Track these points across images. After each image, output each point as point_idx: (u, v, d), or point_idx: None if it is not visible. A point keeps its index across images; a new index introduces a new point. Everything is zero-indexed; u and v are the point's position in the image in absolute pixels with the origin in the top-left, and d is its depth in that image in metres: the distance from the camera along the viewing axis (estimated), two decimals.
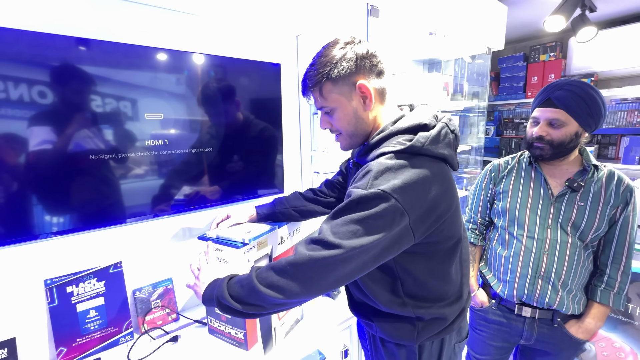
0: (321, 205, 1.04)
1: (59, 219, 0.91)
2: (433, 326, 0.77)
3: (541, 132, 1.01)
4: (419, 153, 0.66)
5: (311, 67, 0.72)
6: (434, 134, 0.68)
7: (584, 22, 1.95)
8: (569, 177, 1.03)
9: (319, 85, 0.71)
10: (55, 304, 0.96)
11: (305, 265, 0.61)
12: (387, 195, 0.60)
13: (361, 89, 0.70)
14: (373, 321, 0.79)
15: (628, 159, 2.31)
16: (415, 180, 0.62)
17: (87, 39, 0.88)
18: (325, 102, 0.73)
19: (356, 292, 0.82)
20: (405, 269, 0.72)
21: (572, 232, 1.01)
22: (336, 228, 0.62)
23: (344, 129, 0.75)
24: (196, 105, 1.09)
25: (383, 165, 0.64)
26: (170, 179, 1.09)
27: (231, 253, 0.86)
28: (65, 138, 0.88)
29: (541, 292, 1.04)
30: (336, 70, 0.69)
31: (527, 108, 2.89)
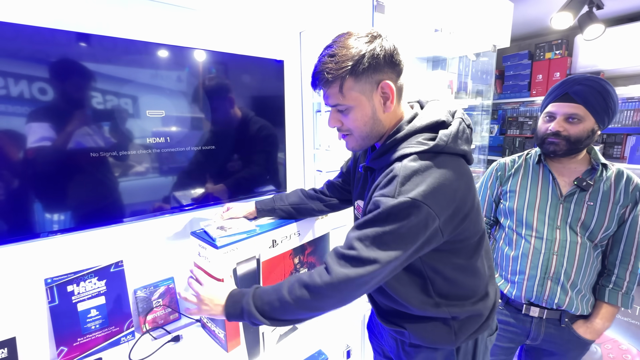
0: (322, 205, 1.02)
1: (59, 217, 0.90)
2: (470, 324, 0.74)
3: (558, 127, 0.98)
4: (442, 152, 0.64)
5: (330, 58, 0.64)
6: (454, 131, 0.66)
7: (591, 19, 1.92)
8: (577, 176, 1.01)
9: (339, 81, 0.64)
10: (55, 303, 0.95)
11: (343, 284, 0.61)
12: (419, 203, 0.58)
13: (384, 89, 0.66)
14: (405, 327, 0.76)
15: (634, 158, 2.29)
16: (443, 182, 0.61)
17: (87, 34, 0.87)
18: (342, 100, 0.66)
19: (383, 299, 0.79)
20: (434, 268, 0.70)
21: (582, 232, 1.00)
22: (369, 241, 0.60)
23: (358, 130, 0.70)
24: (198, 102, 1.08)
25: (409, 169, 0.61)
26: (172, 177, 1.08)
27: (212, 252, 0.85)
28: (66, 135, 0.86)
29: (550, 293, 1.02)
30: (361, 66, 0.63)
31: (531, 107, 2.86)
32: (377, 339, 0.97)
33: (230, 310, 0.70)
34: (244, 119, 1.21)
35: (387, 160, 0.68)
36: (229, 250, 0.85)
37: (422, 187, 0.59)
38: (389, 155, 0.68)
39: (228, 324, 0.88)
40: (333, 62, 0.63)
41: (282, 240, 1.00)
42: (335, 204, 1.03)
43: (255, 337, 0.97)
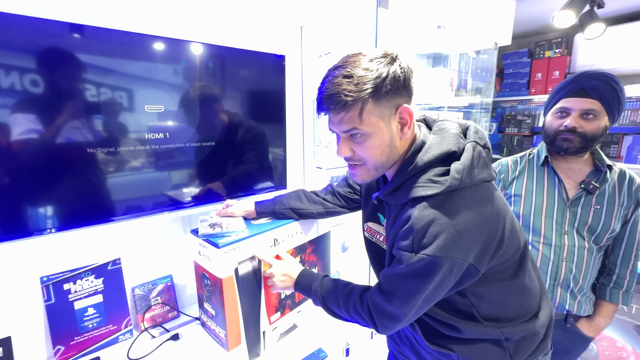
0: (323, 209, 1.01)
1: (55, 215, 0.88)
2: (526, 345, 0.71)
3: (575, 123, 0.93)
4: (458, 188, 0.59)
5: (347, 80, 0.57)
6: (468, 163, 0.60)
7: (592, 18, 1.91)
8: (582, 177, 1.00)
9: (360, 104, 0.58)
10: (52, 302, 0.93)
11: (382, 328, 0.68)
12: (438, 259, 0.56)
13: (402, 114, 0.61)
14: (454, 350, 0.72)
15: (630, 158, 2.31)
16: (464, 226, 0.57)
17: (80, 25, 0.84)
18: (360, 125, 0.59)
19: (429, 320, 0.75)
20: (476, 293, 0.67)
21: (588, 237, 0.98)
22: (399, 296, 0.63)
23: (373, 160, 0.63)
24: (197, 97, 1.05)
25: (424, 220, 0.57)
26: (170, 174, 1.06)
27: (213, 252, 0.84)
28: (61, 131, 0.84)
29: (561, 299, 1.01)
30: (384, 89, 0.57)
31: (529, 105, 2.87)
32: (400, 350, 0.95)
33: (301, 286, 0.83)
34: (244, 114, 1.19)
35: (400, 199, 0.64)
36: (229, 250, 0.84)
37: (440, 240, 0.56)
38: (402, 193, 0.64)
39: (229, 322, 0.87)
40: (351, 83, 0.57)
41: (284, 239, 0.99)
42: (336, 211, 1.01)
43: (256, 336, 0.96)
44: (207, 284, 0.90)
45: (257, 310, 0.95)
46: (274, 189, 1.35)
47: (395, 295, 0.64)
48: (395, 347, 0.98)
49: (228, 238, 0.86)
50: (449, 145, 0.62)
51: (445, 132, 0.65)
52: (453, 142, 0.63)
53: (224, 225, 0.93)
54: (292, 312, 1.08)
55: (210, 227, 0.92)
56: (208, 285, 0.90)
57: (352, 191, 0.98)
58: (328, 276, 0.82)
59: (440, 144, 0.63)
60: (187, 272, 1.24)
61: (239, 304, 0.89)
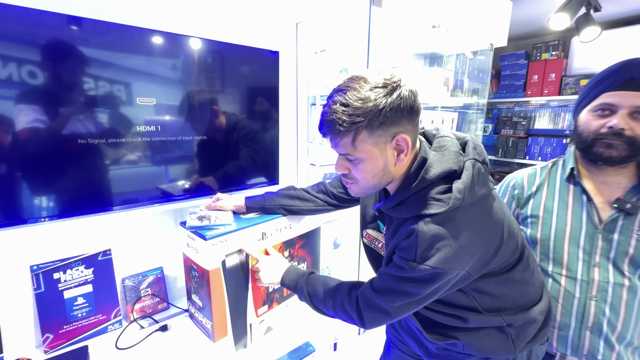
0: (314, 207, 1.02)
1: (47, 204, 0.89)
2: (527, 331, 0.73)
3: (622, 124, 0.73)
4: (460, 207, 0.62)
5: (343, 108, 0.59)
6: (469, 182, 0.62)
7: (588, 21, 1.93)
8: (619, 194, 0.78)
9: (352, 133, 0.60)
10: (41, 290, 0.94)
11: (368, 323, 0.70)
12: (441, 270, 0.60)
13: (398, 142, 0.62)
14: (459, 338, 0.74)
15: None
16: (465, 240, 0.61)
17: (78, 17, 0.84)
18: (353, 152, 0.62)
19: (432, 314, 0.76)
20: (478, 289, 0.70)
21: (631, 271, 0.77)
22: (394, 296, 0.66)
23: (364, 181, 0.66)
24: (190, 91, 1.06)
25: (428, 235, 0.60)
26: (162, 167, 1.06)
27: (200, 244, 0.85)
28: (55, 121, 0.84)
29: (591, 347, 0.81)
30: (378, 121, 0.58)
31: (526, 107, 2.88)
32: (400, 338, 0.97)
33: (286, 281, 0.85)
34: (237, 109, 1.19)
35: (403, 214, 0.66)
36: (217, 242, 0.85)
37: (442, 254, 0.59)
38: (404, 209, 0.66)
39: (215, 314, 0.88)
40: (346, 114, 0.58)
41: (272, 233, 1.00)
42: (326, 208, 1.02)
43: (243, 328, 0.97)
44: (195, 276, 0.91)
45: (244, 302, 0.96)
46: (266, 185, 1.36)
47: (389, 293, 0.66)
48: (395, 334, 0.99)
49: (216, 230, 0.87)
50: (449, 165, 0.63)
51: (446, 150, 0.66)
52: (453, 161, 0.64)
53: (213, 218, 0.94)
54: (280, 305, 1.10)
55: (198, 219, 0.93)
56: (196, 277, 0.91)
57: (344, 192, 0.99)
58: (314, 273, 0.84)
59: (441, 162, 0.64)
60: (177, 265, 1.25)
61: (225, 296, 0.90)
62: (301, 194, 1.03)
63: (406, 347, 0.96)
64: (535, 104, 2.83)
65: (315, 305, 0.79)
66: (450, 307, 0.73)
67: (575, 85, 2.48)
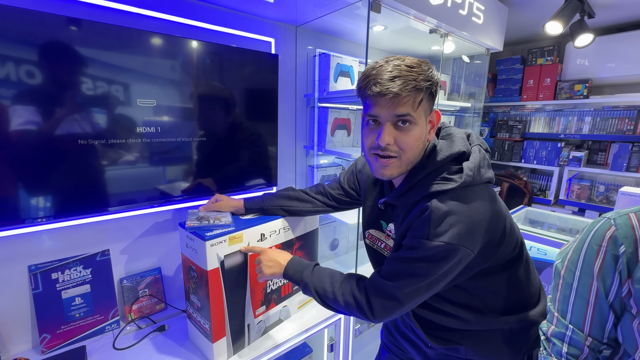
0: (312, 208, 1.02)
1: (46, 205, 0.89)
2: (528, 334, 0.73)
3: None
4: (470, 185, 0.65)
5: (410, 69, 0.61)
6: (477, 161, 0.66)
7: (582, 27, 1.96)
8: None
9: (421, 93, 0.62)
10: (39, 290, 0.94)
11: (382, 316, 0.68)
12: (454, 246, 0.60)
13: (432, 117, 0.67)
14: (462, 343, 0.74)
15: (616, 165, 2.36)
16: (477, 218, 0.62)
17: (77, 19, 0.85)
18: (413, 113, 0.63)
19: (434, 318, 0.77)
20: (481, 287, 0.71)
21: None
22: (406, 279, 0.64)
23: (411, 151, 0.65)
24: (189, 92, 1.07)
25: (441, 210, 0.61)
26: (161, 168, 1.07)
27: (199, 244, 0.86)
28: (55, 121, 0.85)
29: None
30: (434, 89, 0.64)
31: (522, 111, 2.91)
32: (396, 343, 0.97)
33: (290, 273, 0.81)
34: (236, 111, 1.20)
35: (413, 199, 0.67)
36: (216, 243, 0.85)
37: (456, 230, 0.60)
38: (414, 193, 0.67)
39: (214, 314, 0.89)
40: (416, 72, 0.61)
41: (271, 234, 1.01)
42: (325, 210, 1.02)
43: (241, 329, 0.98)
44: (194, 276, 0.92)
45: (242, 303, 0.97)
46: (265, 186, 1.37)
47: (399, 277, 0.65)
48: (390, 339, 0.99)
49: (215, 231, 0.87)
50: (459, 147, 0.68)
51: (454, 137, 0.71)
52: (462, 144, 0.69)
53: (212, 218, 0.95)
54: (278, 306, 1.10)
55: (197, 220, 0.94)
56: (194, 278, 0.91)
57: (343, 194, 0.98)
58: (319, 265, 0.83)
59: (450, 146, 0.68)
60: (176, 265, 1.26)
61: (224, 297, 0.90)
62: (300, 195, 1.04)
63: (402, 352, 0.96)
64: (530, 108, 2.86)
65: (321, 296, 0.76)
66: (454, 307, 0.73)
67: (570, 90, 2.52)
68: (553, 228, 2.19)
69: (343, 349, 1.30)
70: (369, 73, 0.63)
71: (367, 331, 1.74)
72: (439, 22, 1.41)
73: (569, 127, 2.66)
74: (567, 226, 1.74)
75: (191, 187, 1.15)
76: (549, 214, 1.94)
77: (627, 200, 1.16)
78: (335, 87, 1.50)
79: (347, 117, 1.61)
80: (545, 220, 1.80)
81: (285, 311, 1.14)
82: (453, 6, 1.44)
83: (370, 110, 0.65)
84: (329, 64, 1.46)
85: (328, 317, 1.19)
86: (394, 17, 1.31)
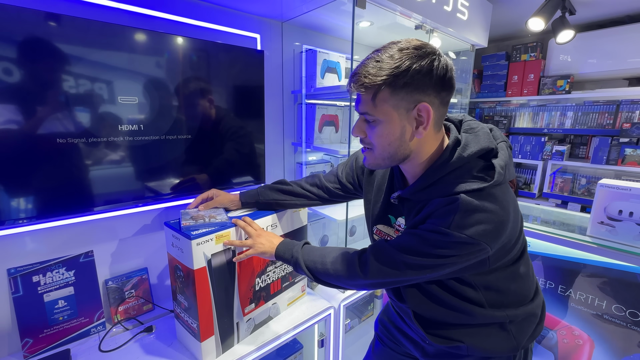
0: (307, 202, 1.02)
1: (27, 207, 0.86)
2: (527, 326, 0.74)
3: None
4: (500, 184, 0.62)
5: (374, 63, 0.59)
6: (507, 158, 0.64)
7: (563, 24, 2.00)
8: None
9: (374, 88, 0.59)
10: (20, 294, 0.92)
11: (377, 284, 0.67)
12: (476, 242, 0.58)
13: (420, 112, 0.60)
14: (463, 341, 0.73)
15: (597, 158, 2.44)
16: (505, 219, 0.60)
17: (56, 14, 0.82)
18: (372, 110, 0.61)
19: (435, 315, 0.76)
20: (484, 283, 0.70)
21: None
22: (409, 256, 0.63)
23: (380, 148, 0.64)
24: (173, 90, 1.05)
25: (471, 205, 0.58)
26: (145, 167, 1.05)
27: (185, 243, 0.85)
28: (32, 120, 0.82)
29: None
30: (402, 80, 0.57)
31: (507, 106, 2.97)
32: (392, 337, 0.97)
33: (281, 251, 0.83)
34: (221, 108, 1.19)
35: (437, 195, 0.64)
36: (202, 242, 0.85)
37: (482, 227, 0.58)
38: (438, 188, 0.64)
39: (201, 313, 0.88)
40: (375, 67, 0.58)
41: None
42: (318, 202, 1.02)
43: (230, 327, 0.98)
44: (180, 276, 0.91)
45: (230, 301, 0.96)
46: (253, 184, 1.36)
47: (409, 251, 0.63)
48: (385, 333, 1.00)
49: (201, 229, 0.87)
50: (487, 143, 0.64)
51: (479, 131, 0.67)
52: (489, 140, 0.65)
53: (207, 217, 0.94)
54: (267, 303, 1.10)
55: (192, 219, 0.92)
56: (181, 277, 0.91)
57: (340, 187, 0.98)
58: (309, 243, 0.85)
59: (477, 141, 0.64)
60: (164, 265, 1.24)
61: (211, 296, 0.90)
62: (294, 189, 1.03)
63: (397, 346, 0.97)
64: (515, 104, 2.92)
65: (311, 270, 0.76)
66: (457, 300, 0.72)
67: (553, 86, 2.58)
68: (537, 221, 2.25)
69: (333, 344, 1.31)
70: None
71: (357, 326, 1.76)
72: (424, 18, 1.42)
73: (552, 122, 2.73)
74: (551, 218, 1.80)
75: (177, 186, 1.14)
76: (534, 207, 1.99)
77: (605, 192, 1.20)
78: (323, 83, 1.50)
79: (335, 114, 1.61)
80: (529, 213, 1.86)
81: (274, 308, 1.14)
82: (438, 2, 1.45)
83: None
84: (315, 60, 1.45)
85: (318, 313, 1.20)
86: (380, 13, 1.32)
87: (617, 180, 1.24)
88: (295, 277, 1.22)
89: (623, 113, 2.39)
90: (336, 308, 1.28)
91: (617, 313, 1.21)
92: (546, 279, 1.38)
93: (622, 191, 1.16)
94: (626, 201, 1.15)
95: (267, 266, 1.08)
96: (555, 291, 1.36)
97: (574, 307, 1.33)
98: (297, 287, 1.24)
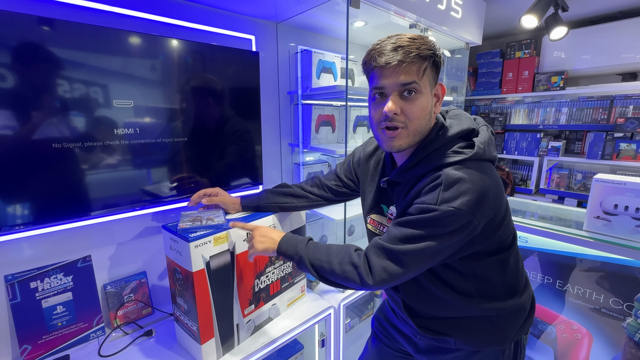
0: (308, 203, 1.02)
1: (23, 212, 0.86)
2: (514, 320, 0.75)
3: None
4: (481, 159, 0.67)
5: (413, 40, 0.63)
6: (486, 138, 0.69)
7: (556, 21, 2.02)
8: None
9: (426, 61, 0.64)
10: (17, 300, 0.91)
11: (382, 284, 0.67)
12: (464, 213, 0.60)
13: (437, 90, 0.69)
14: (451, 335, 0.75)
15: (592, 153, 2.45)
16: (486, 189, 0.62)
17: (51, 19, 0.82)
18: (418, 80, 0.64)
19: (424, 306, 0.78)
20: (473, 270, 0.71)
21: None
22: (411, 243, 0.64)
23: (417, 121, 0.66)
24: (169, 92, 1.05)
25: (453, 177, 0.62)
26: (143, 170, 1.05)
27: (183, 246, 0.85)
28: (27, 125, 0.82)
29: None
30: (438, 61, 0.66)
31: (502, 103, 2.98)
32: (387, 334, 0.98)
33: (284, 247, 0.80)
34: (217, 110, 1.19)
35: (420, 172, 0.68)
36: (200, 244, 0.85)
37: (466, 197, 0.60)
38: (422, 166, 0.68)
39: (201, 316, 0.88)
40: (418, 42, 0.63)
41: None
42: (321, 203, 1.03)
43: (230, 329, 0.97)
44: (179, 279, 0.90)
45: (230, 303, 0.96)
46: (250, 186, 1.36)
47: (405, 241, 0.64)
48: (380, 329, 1.01)
49: (199, 232, 0.86)
50: (468, 124, 0.71)
51: (462, 116, 0.74)
52: (470, 122, 0.72)
53: (205, 219, 0.94)
54: (267, 304, 1.10)
55: (190, 221, 0.92)
56: (180, 280, 0.90)
57: (340, 184, 0.99)
58: (313, 240, 0.83)
59: (460, 124, 0.71)
60: (162, 269, 1.24)
61: (211, 298, 0.90)
62: (295, 190, 1.04)
63: (391, 342, 0.98)
64: (511, 101, 2.93)
65: (317, 268, 0.74)
66: (447, 290, 0.73)
67: (547, 82, 2.60)
68: (534, 217, 2.26)
69: (334, 344, 1.31)
70: (372, 48, 0.67)
71: (357, 326, 1.76)
72: (418, 17, 1.43)
73: (547, 118, 2.74)
74: (548, 214, 1.81)
75: (175, 189, 1.13)
76: (531, 203, 2.00)
77: (601, 187, 1.21)
78: (318, 83, 1.50)
79: (331, 114, 1.61)
80: (527, 209, 1.87)
81: (274, 309, 1.14)
82: (432, 1, 1.46)
83: (376, 82, 0.67)
84: (310, 61, 1.46)
85: (318, 313, 1.20)
86: (374, 13, 1.32)
87: (613, 175, 1.24)
88: (295, 277, 1.22)
89: (617, 108, 2.41)
90: (336, 308, 1.28)
91: (615, 306, 1.21)
92: (544, 274, 1.39)
93: (618, 185, 1.17)
94: (621, 195, 1.16)
95: (266, 267, 1.08)
96: (553, 286, 1.37)
97: (572, 302, 1.34)
98: (296, 287, 1.24)
